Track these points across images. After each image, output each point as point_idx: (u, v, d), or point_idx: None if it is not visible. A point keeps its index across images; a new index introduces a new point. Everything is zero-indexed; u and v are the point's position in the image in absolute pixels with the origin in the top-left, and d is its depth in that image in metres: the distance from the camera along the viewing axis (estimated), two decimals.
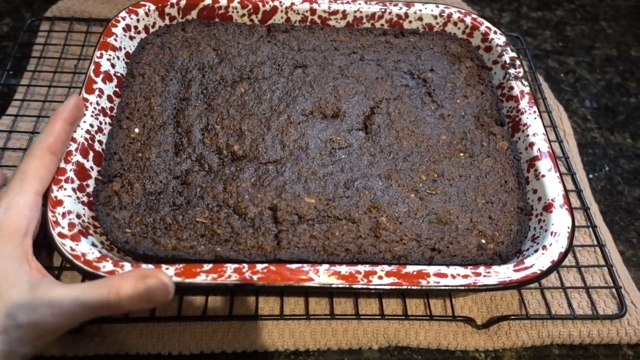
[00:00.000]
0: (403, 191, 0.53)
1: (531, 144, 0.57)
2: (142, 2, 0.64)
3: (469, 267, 0.47)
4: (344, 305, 0.53)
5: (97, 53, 0.58)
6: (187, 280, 0.44)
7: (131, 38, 0.63)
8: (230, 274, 0.45)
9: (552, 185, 0.53)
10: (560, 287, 0.56)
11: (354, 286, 0.45)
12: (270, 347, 0.51)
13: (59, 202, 0.47)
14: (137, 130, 0.56)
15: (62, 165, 0.49)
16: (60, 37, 0.72)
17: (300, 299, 0.53)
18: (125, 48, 0.61)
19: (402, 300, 0.54)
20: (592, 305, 0.55)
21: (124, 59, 0.61)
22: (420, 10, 0.69)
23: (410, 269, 0.47)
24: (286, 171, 0.53)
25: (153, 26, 0.65)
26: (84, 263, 0.44)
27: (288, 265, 0.46)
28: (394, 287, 0.45)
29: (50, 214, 0.46)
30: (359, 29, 0.69)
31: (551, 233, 0.50)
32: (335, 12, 0.68)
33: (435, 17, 0.69)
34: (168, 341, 0.51)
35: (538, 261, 0.48)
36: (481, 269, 0.47)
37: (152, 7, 0.64)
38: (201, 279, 0.44)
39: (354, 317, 0.52)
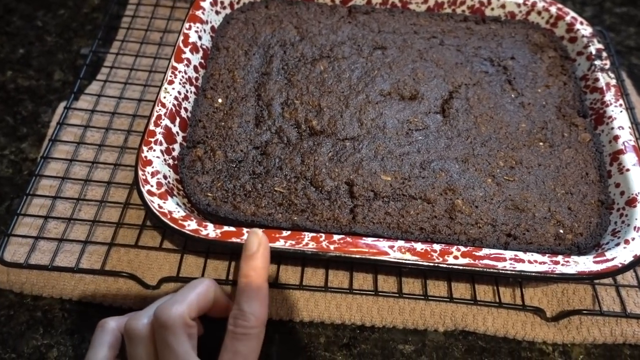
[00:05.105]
0: (480, 175, 0.53)
1: (616, 137, 0.55)
2: None
3: (547, 255, 0.47)
4: (412, 285, 0.53)
5: (186, 25, 0.60)
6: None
7: (217, 13, 0.65)
8: (307, 241, 0.46)
9: (637, 180, 0.52)
10: (637, 286, 0.54)
11: (429, 264, 0.45)
12: (338, 320, 0.52)
13: (149, 162, 0.49)
14: (220, 100, 0.57)
15: (152, 127, 0.52)
16: (148, 10, 0.75)
17: (368, 275, 0.54)
18: (211, 22, 0.63)
19: (471, 285, 0.53)
20: None
21: (209, 33, 0.63)
22: None
23: (486, 251, 0.46)
24: (363, 148, 0.54)
25: (238, 2, 0.67)
26: (170, 220, 0.46)
27: (364, 239, 0.47)
28: (469, 267, 0.45)
29: (140, 173, 0.48)
30: (439, 14, 0.68)
31: (634, 228, 0.49)
32: None
33: (518, 5, 0.68)
34: None
35: (620, 254, 0.47)
36: (559, 258, 0.46)
37: None
38: (280, 244, 0.45)
39: (422, 297, 0.52)
